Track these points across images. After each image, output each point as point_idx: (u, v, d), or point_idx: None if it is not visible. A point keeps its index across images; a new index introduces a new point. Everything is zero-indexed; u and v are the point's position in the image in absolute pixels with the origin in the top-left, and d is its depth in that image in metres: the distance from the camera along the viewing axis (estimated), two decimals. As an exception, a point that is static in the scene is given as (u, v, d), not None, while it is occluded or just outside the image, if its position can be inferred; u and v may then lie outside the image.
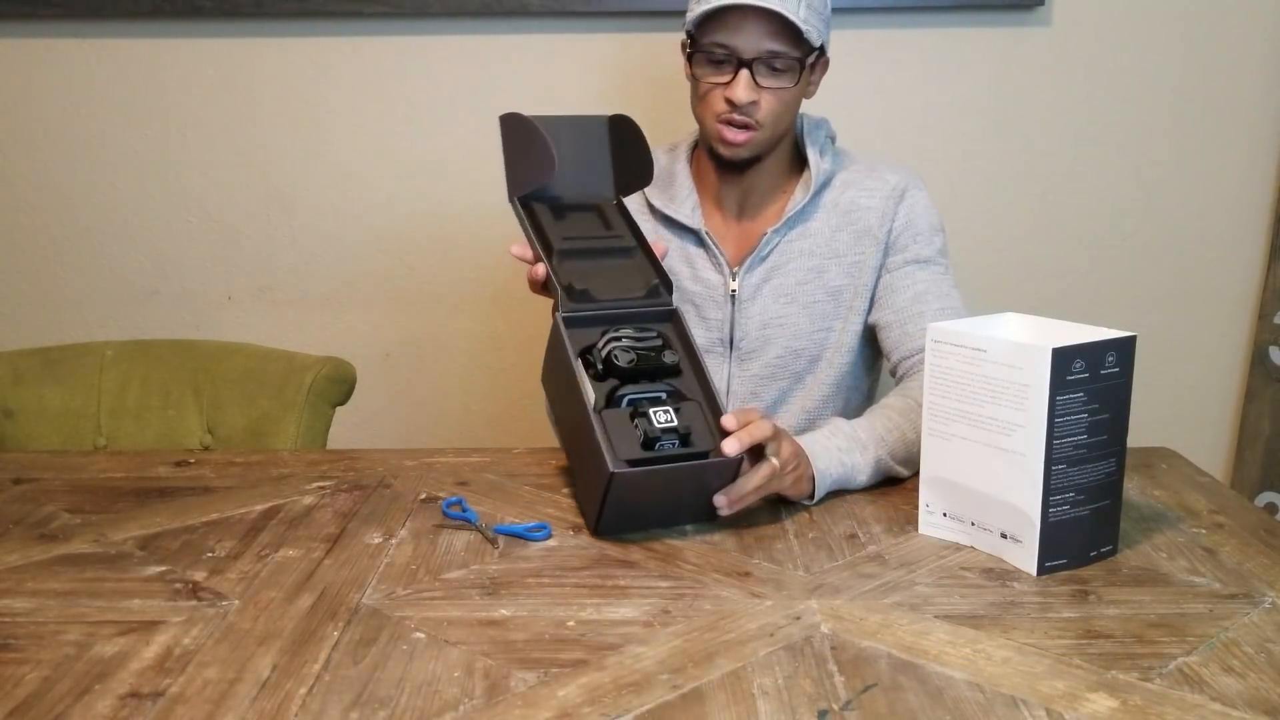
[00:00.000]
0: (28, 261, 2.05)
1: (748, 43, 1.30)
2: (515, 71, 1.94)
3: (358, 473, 1.33)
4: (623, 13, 1.90)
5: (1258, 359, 2.02)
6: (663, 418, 1.11)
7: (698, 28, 1.33)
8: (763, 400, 1.45)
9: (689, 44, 1.35)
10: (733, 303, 1.43)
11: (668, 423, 1.10)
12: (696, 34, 1.33)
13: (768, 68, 1.31)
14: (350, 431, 2.01)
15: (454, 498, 1.20)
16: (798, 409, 1.46)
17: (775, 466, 1.13)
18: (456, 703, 0.82)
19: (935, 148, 1.95)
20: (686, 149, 1.49)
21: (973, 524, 1.10)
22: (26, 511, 1.22)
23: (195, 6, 1.89)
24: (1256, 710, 0.81)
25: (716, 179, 1.44)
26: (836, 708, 0.81)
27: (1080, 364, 1.01)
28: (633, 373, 1.15)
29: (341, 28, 1.93)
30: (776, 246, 1.42)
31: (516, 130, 1.28)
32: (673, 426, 1.10)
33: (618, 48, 1.92)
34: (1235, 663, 0.88)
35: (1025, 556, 1.05)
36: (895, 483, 1.27)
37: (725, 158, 1.38)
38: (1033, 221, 1.99)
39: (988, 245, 1.99)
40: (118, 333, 2.05)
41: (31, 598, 1.00)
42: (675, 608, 0.97)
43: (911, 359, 1.38)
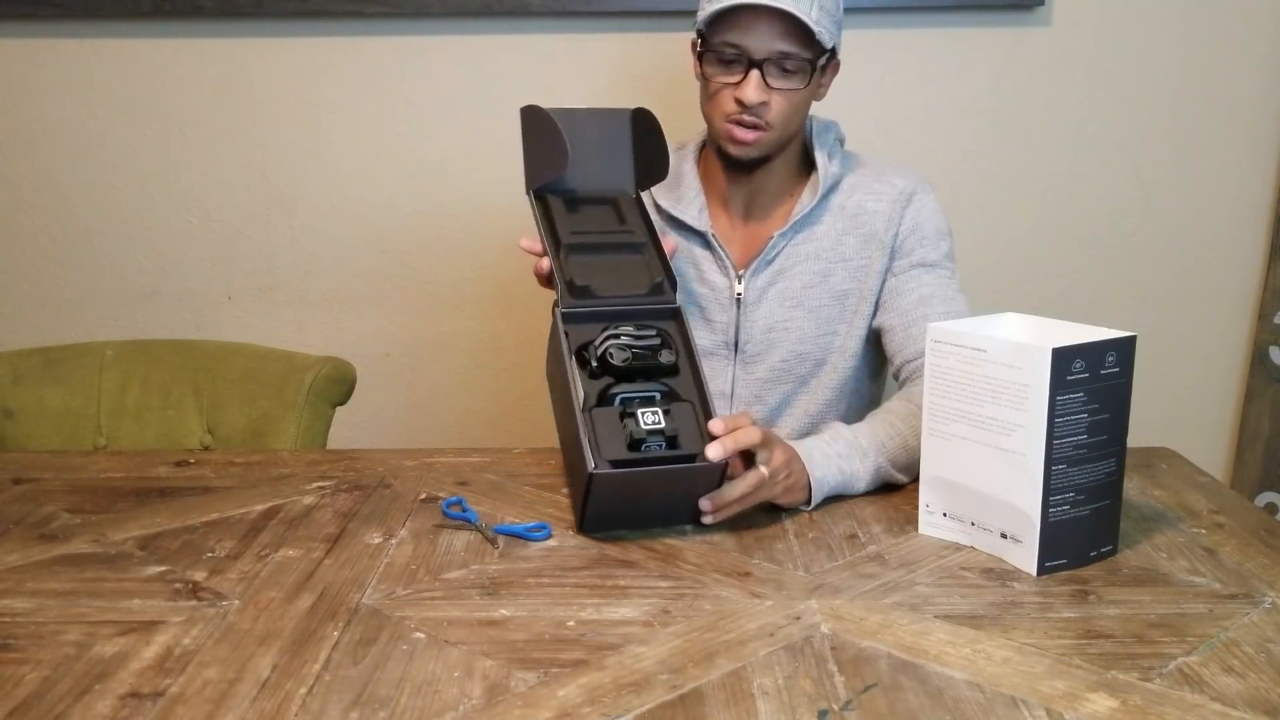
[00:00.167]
0: (28, 261, 2.05)
1: (759, 43, 1.29)
2: (515, 71, 1.94)
3: (358, 473, 1.33)
4: (623, 13, 1.90)
5: (1258, 359, 2.02)
6: (650, 419, 1.10)
7: (709, 26, 1.31)
8: (766, 404, 1.45)
9: (699, 43, 1.34)
10: (738, 306, 1.42)
11: (655, 424, 1.10)
12: (707, 33, 1.32)
13: (778, 68, 1.30)
14: (350, 431, 2.01)
15: (454, 498, 1.20)
16: (801, 413, 1.45)
17: (763, 475, 1.12)
18: (456, 703, 0.82)
19: (935, 148, 1.95)
20: (694, 149, 1.48)
21: (973, 524, 1.10)
22: (26, 511, 1.22)
23: (195, 6, 1.89)
24: (1256, 710, 0.81)
25: (724, 180, 1.44)
26: (836, 708, 0.81)
27: (1080, 364, 1.01)
28: (628, 371, 1.14)
29: (341, 28, 1.93)
30: (782, 250, 1.42)
31: (535, 123, 1.27)
32: (659, 428, 1.09)
33: (618, 48, 1.92)
34: (1235, 663, 0.88)
35: (1025, 556, 1.05)
36: (895, 486, 1.27)
37: (733, 157, 1.37)
38: (1033, 221, 1.99)
39: (988, 245, 1.99)
40: (118, 333, 2.05)
41: (31, 598, 1.00)
42: (675, 608, 0.97)
43: (915, 362, 1.37)
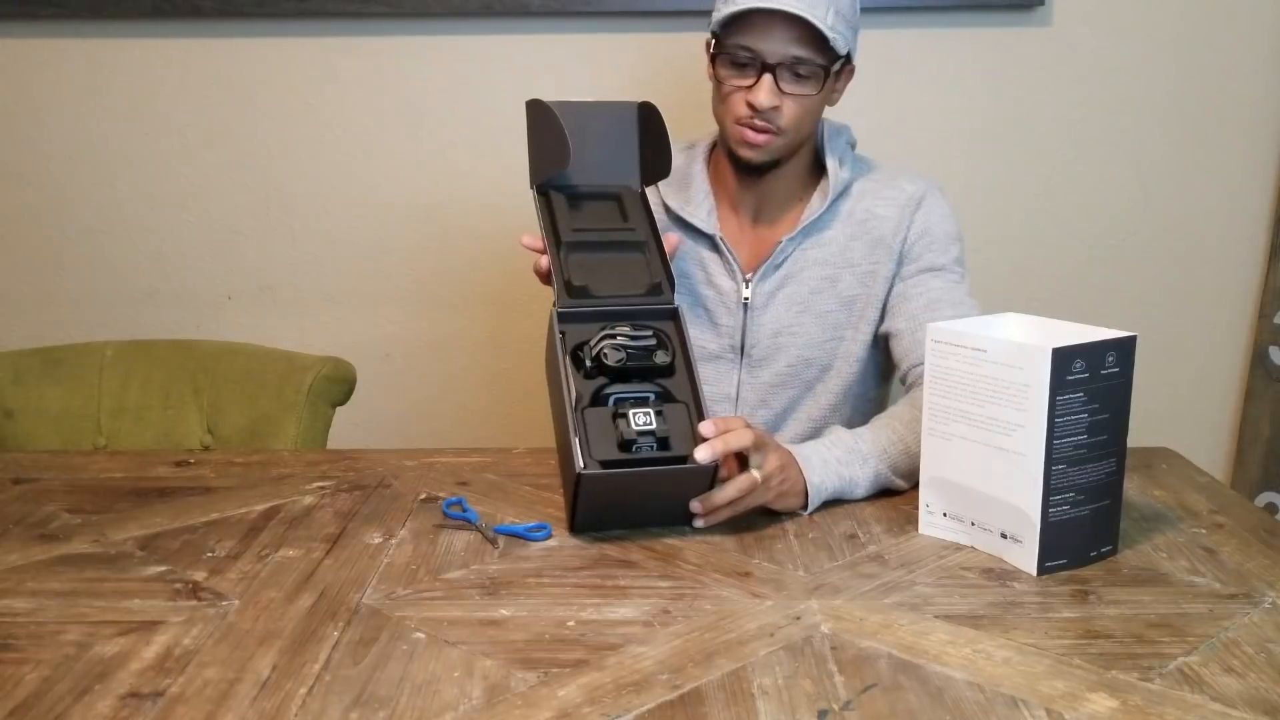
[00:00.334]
0: (28, 261, 2.05)
1: (773, 47, 1.28)
2: (515, 71, 1.94)
3: (358, 473, 1.33)
4: (623, 13, 1.90)
5: (1258, 359, 2.02)
6: (641, 420, 1.10)
7: (723, 28, 1.30)
8: (771, 408, 1.44)
9: (713, 43, 1.33)
10: (745, 310, 1.41)
11: (646, 425, 1.09)
12: (721, 34, 1.31)
13: (791, 73, 1.29)
14: (350, 431, 2.00)
15: (454, 498, 1.20)
16: (805, 417, 1.44)
17: (755, 479, 1.12)
18: (456, 703, 0.82)
19: (935, 148, 1.95)
20: (705, 149, 1.47)
21: (973, 524, 1.10)
22: (26, 511, 1.22)
23: (195, 6, 1.89)
24: (1256, 710, 0.81)
25: (734, 182, 1.42)
26: (836, 708, 0.81)
27: (1080, 364, 1.01)
28: (622, 371, 1.14)
29: (341, 28, 1.93)
30: (791, 255, 1.41)
31: (540, 118, 1.27)
32: (650, 429, 1.09)
33: (618, 48, 1.92)
34: (1235, 663, 0.88)
35: (1025, 556, 1.05)
36: (895, 492, 1.26)
37: (744, 160, 1.35)
38: (1033, 221, 1.99)
39: (988, 245, 1.98)
40: (118, 333, 2.05)
41: (31, 598, 1.00)
42: (675, 608, 0.97)
43: (921, 367, 1.35)
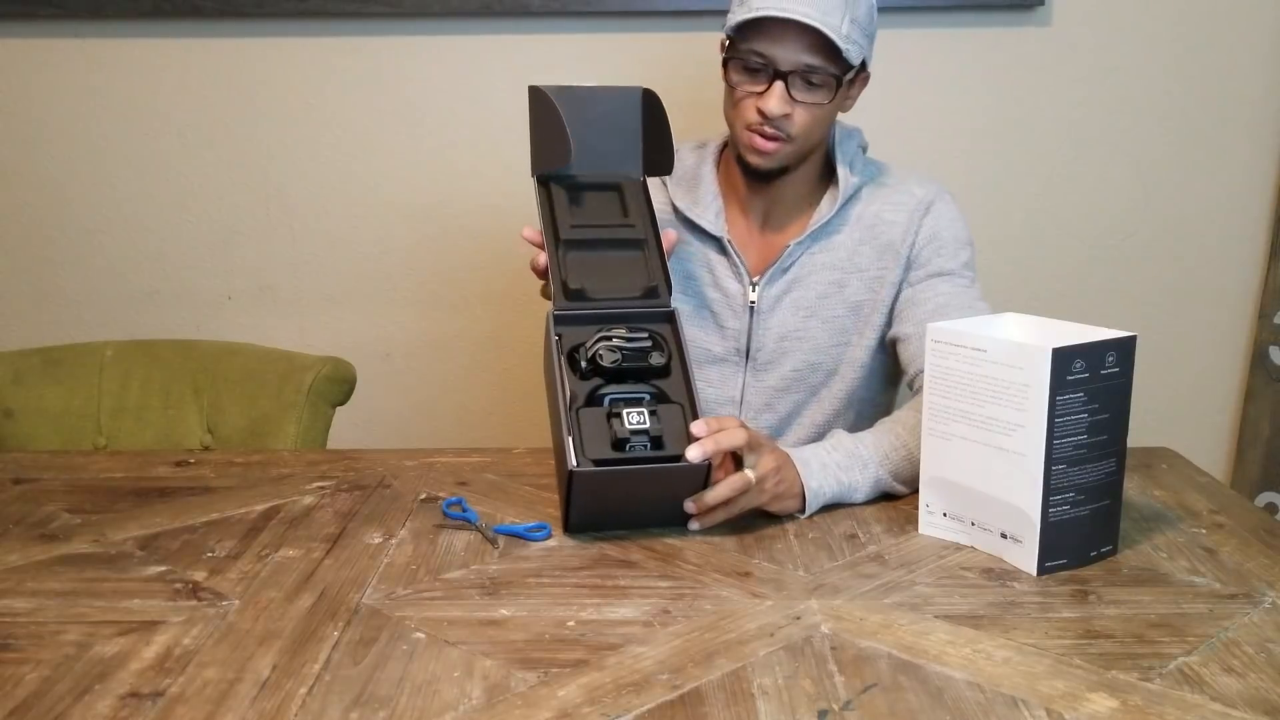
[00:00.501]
0: (28, 261, 2.05)
1: (785, 54, 1.26)
2: (515, 71, 1.93)
3: (358, 473, 1.33)
4: (623, 13, 1.90)
5: (1258, 359, 2.02)
6: (635, 419, 1.10)
7: (737, 32, 1.28)
8: (776, 412, 1.43)
9: (726, 46, 1.32)
10: (751, 313, 1.41)
11: (640, 424, 1.10)
12: (735, 38, 1.29)
13: (804, 81, 1.28)
14: (350, 431, 2.00)
15: (454, 498, 1.20)
16: (809, 422, 1.44)
17: (749, 479, 1.12)
18: (456, 703, 0.82)
19: (935, 148, 1.95)
20: (715, 150, 1.46)
21: (973, 524, 1.10)
22: (26, 511, 1.22)
23: (195, 6, 1.89)
24: (1256, 710, 0.81)
25: (743, 185, 1.41)
26: (836, 708, 0.81)
27: (1080, 364, 1.01)
28: (618, 372, 1.14)
29: (341, 28, 1.93)
30: (799, 259, 1.40)
31: (542, 107, 1.26)
32: (643, 428, 1.09)
33: (618, 48, 1.92)
34: (1235, 663, 0.88)
35: (1025, 556, 1.05)
36: (895, 495, 1.25)
37: (752, 166, 1.35)
38: (1033, 221, 1.99)
39: (987, 245, 1.98)
40: (118, 333, 2.05)
41: (31, 598, 1.00)
42: (675, 608, 0.97)
43: None
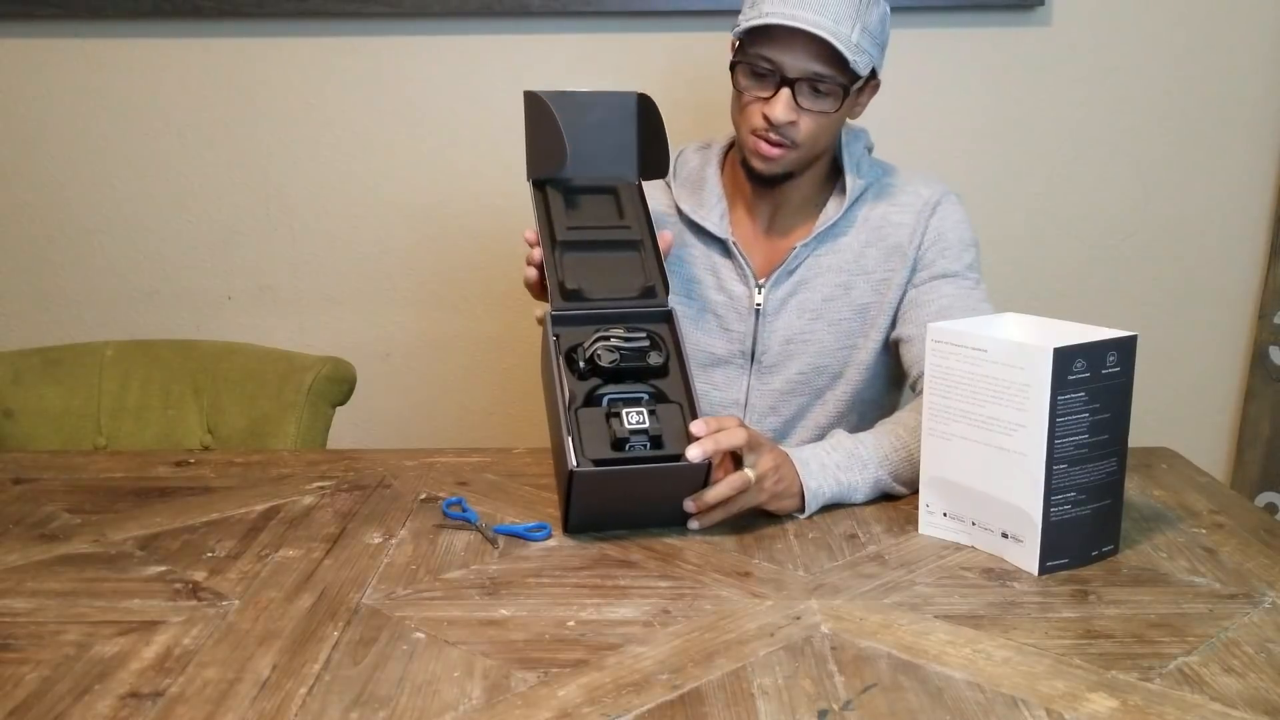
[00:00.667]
0: (28, 261, 2.04)
1: (793, 61, 1.25)
2: (515, 71, 1.93)
3: (358, 473, 1.33)
4: (623, 13, 1.90)
5: (1258, 359, 2.02)
6: (634, 419, 1.10)
7: (746, 36, 1.28)
8: (781, 415, 1.43)
9: (735, 48, 1.31)
10: (757, 316, 1.40)
11: (639, 424, 1.10)
12: (745, 41, 1.28)
13: (811, 89, 1.27)
14: (350, 431, 2.00)
15: (454, 498, 1.20)
16: (812, 424, 1.43)
17: (748, 478, 1.12)
18: (456, 703, 0.82)
19: (935, 148, 1.95)
20: (720, 151, 1.45)
21: (973, 524, 1.10)
22: (26, 511, 1.22)
23: (195, 6, 1.89)
24: (1256, 710, 0.81)
25: (750, 187, 1.40)
26: (836, 708, 0.81)
27: (1081, 364, 1.01)
28: (616, 372, 1.14)
29: (341, 28, 1.93)
30: (805, 261, 1.39)
31: (537, 111, 1.26)
32: (643, 428, 1.09)
33: (618, 48, 1.92)
34: (1235, 663, 0.88)
35: (1026, 556, 1.05)
36: (895, 496, 1.25)
37: (758, 171, 1.34)
38: (1033, 221, 1.99)
39: (987, 245, 1.96)
40: (118, 333, 2.05)
41: (31, 598, 1.00)
42: (675, 608, 0.97)
43: None
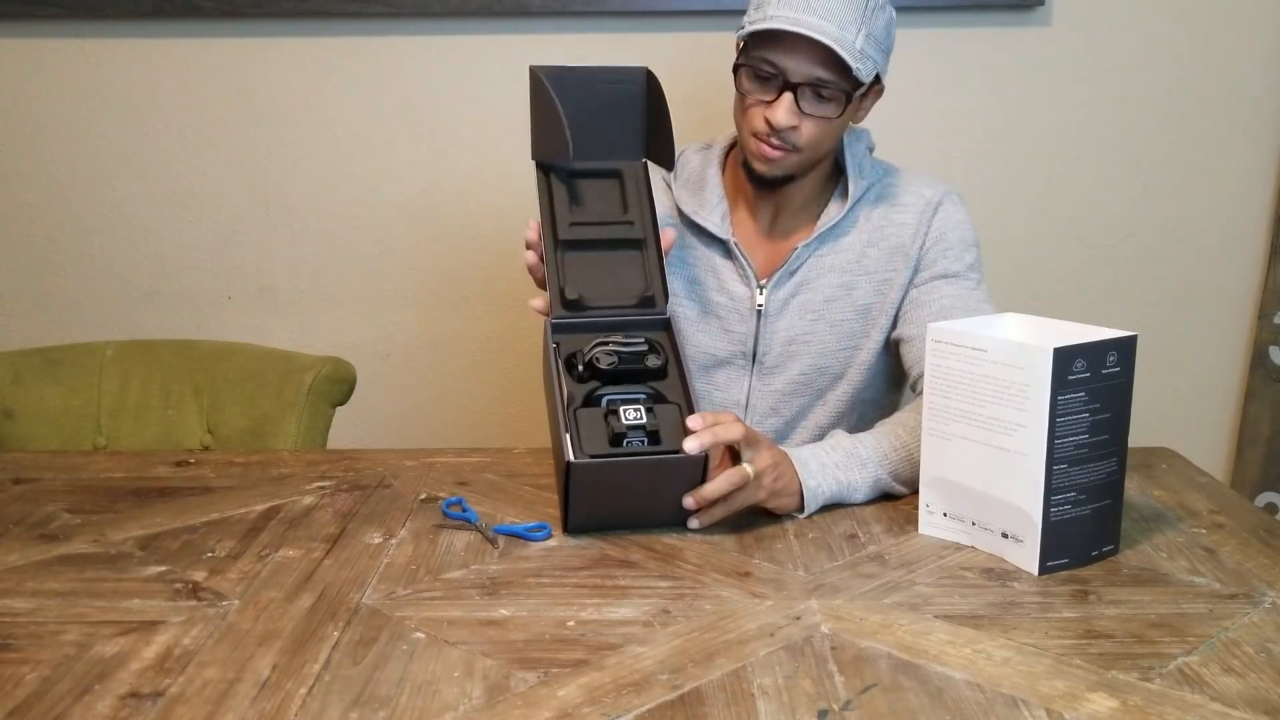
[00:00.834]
0: (28, 261, 2.05)
1: (797, 66, 1.25)
2: (515, 71, 1.93)
3: (358, 473, 1.33)
4: (623, 13, 1.90)
5: (1258, 359, 2.02)
6: (632, 415, 1.11)
7: (750, 39, 1.27)
8: (782, 416, 1.43)
9: (739, 49, 1.30)
10: (758, 317, 1.40)
11: (636, 420, 1.10)
12: (749, 44, 1.28)
13: (814, 93, 1.26)
14: (350, 431, 2.00)
15: (454, 498, 1.20)
16: (813, 425, 1.43)
17: (747, 473, 1.12)
18: (456, 703, 0.82)
19: (934, 148, 1.95)
20: (721, 151, 1.44)
21: (973, 524, 1.10)
22: (26, 511, 1.22)
23: (195, 6, 1.89)
24: (1256, 710, 0.81)
25: (751, 188, 1.40)
26: (836, 708, 0.81)
27: (1081, 364, 1.01)
28: (614, 375, 1.15)
29: (341, 28, 1.93)
30: (806, 261, 1.39)
31: (541, 93, 1.25)
32: (640, 424, 1.10)
33: (618, 48, 1.92)
34: (1235, 663, 0.88)
35: (1026, 556, 1.05)
36: (894, 496, 1.25)
37: (759, 174, 1.34)
38: (1033, 221, 1.99)
39: (987, 245, 1.96)
40: (118, 333, 2.05)
41: (31, 598, 1.00)
42: (675, 608, 0.97)
43: None
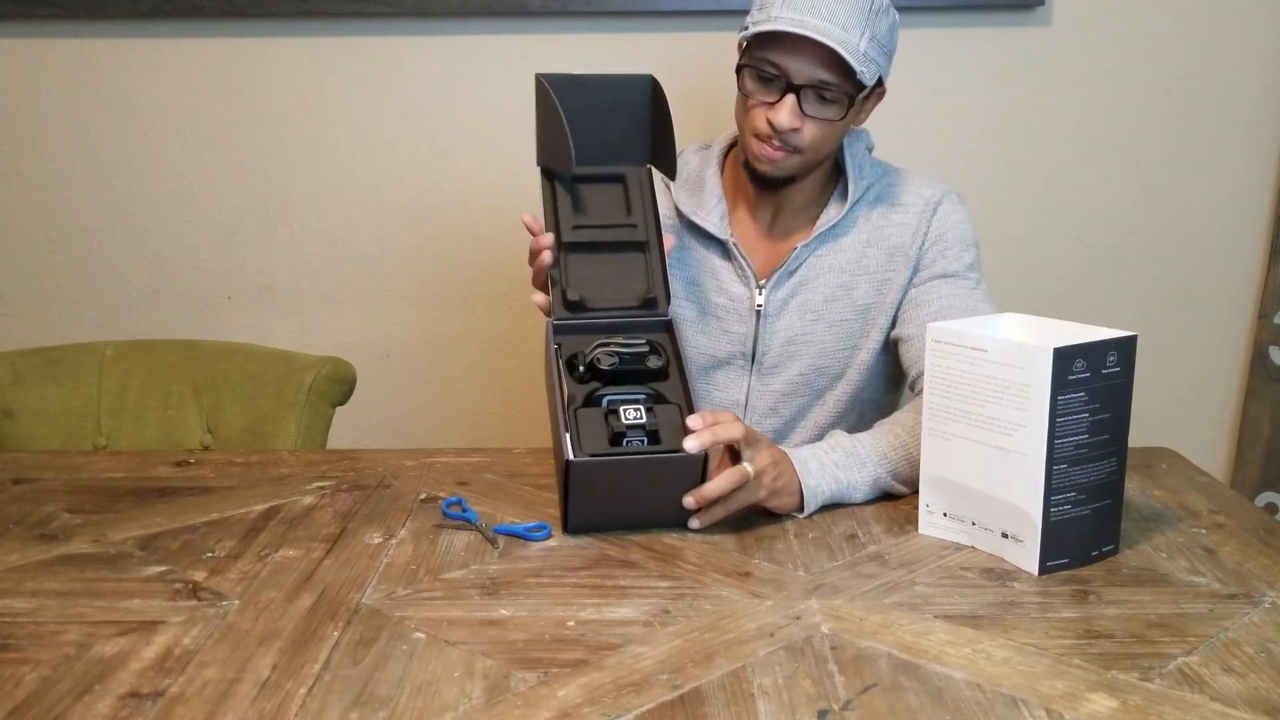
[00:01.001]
0: (28, 261, 2.04)
1: (800, 68, 1.24)
2: (515, 71, 1.93)
3: (358, 473, 1.33)
4: (623, 13, 1.90)
5: (1258, 359, 2.02)
6: (632, 414, 1.11)
7: (754, 39, 1.27)
8: (781, 416, 1.43)
9: (742, 49, 1.30)
10: (758, 317, 1.39)
11: (636, 419, 1.11)
12: (752, 44, 1.27)
13: (817, 96, 1.26)
14: (350, 431, 2.00)
15: (454, 498, 1.20)
16: (813, 425, 1.43)
17: (747, 472, 1.12)
18: (456, 703, 0.82)
19: (934, 148, 1.95)
20: (720, 152, 1.44)
21: (973, 524, 1.10)
22: (26, 511, 1.22)
23: (195, 6, 1.89)
24: (1256, 710, 0.81)
25: (752, 188, 1.40)
26: (836, 708, 0.81)
27: (1081, 364, 1.01)
28: (615, 375, 1.15)
29: (341, 28, 1.93)
30: (805, 261, 1.38)
31: (547, 101, 1.25)
32: (640, 423, 1.10)
33: (617, 48, 1.92)
34: (1235, 663, 0.88)
35: (1026, 556, 1.05)
36: (894, 495, 1.25)
37: (760, 174, 1.33)
38: (1033, 221, 1.99)
39: (987, 245, 1.96)
40: (118, 333, 2.05)
41: (31, 598, 1.00)
42: (675, 608, 0.97)
43: None
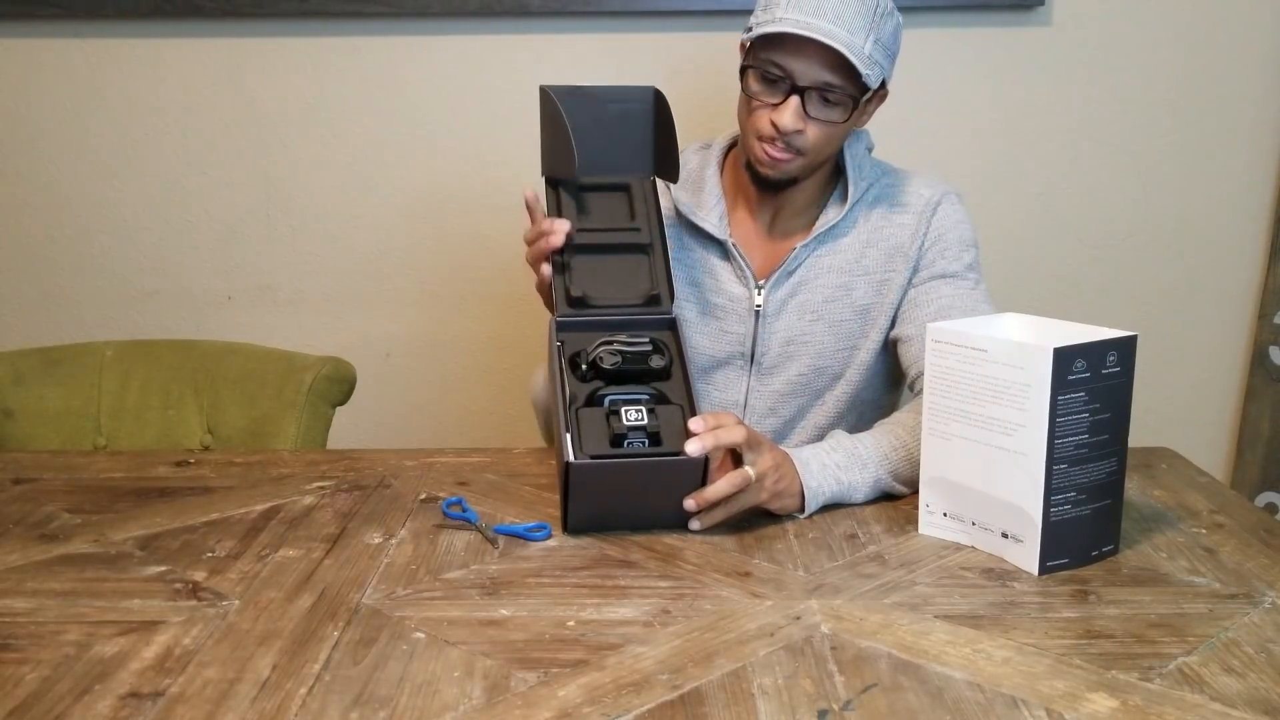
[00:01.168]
0: (28, 261, 2.05)
1: (805, 70, 1.24)
2: (515, 71, 1.94)
3: (358, 473, 1.33)
4: (623, 13, 1.90)
5: (1258, 359, 2.02)
6: (633, 416, 1.11)
7: (758, 41, 1.26)
8: (780, 416, 1.43)
9: (746, 50, 1.30)
10: (757, 317, 1.39)
11: (637, 420, 1.11)
12: (756, 45, 1.27)
13: (821, 98, 1.26)
14: (350, 431, 2.00)
15: (454, 498, 1.20)
16: (812, 425, 1.43)
17: (749, 475, 1.12)
18: (456, 703, 0.82)
19: (934, 147, 1.95)
20: (720, 151, 1.44)
21: (973, 524, 1.10)
22: (26, 511, 1.22)
23: (195, 6, 1.89)
24: (1256, 710, 0.81)
25: (753, 189, 1.39)
26: (836, 708, 0.81)
27: (1081, 364, 1.01)
28: (618, 375, 1.15)
29: (341, 28, 1.93)
30: (805, 261, 1.38)
31: (551, 111, 1.26)
32: (641, 425, 1.10)
33: (617, 48, 1.92)
34: (1235, 663, 0.88)
35: (1026, 556, 1.05)
36: (895, 495, 1.25)
37: (762, 176, 1.33)
38: (1033, 221, 1.99)
39: (987, 245, 1.97)
40: (118, 333, 2.05)
41: (31, 598, 1.00)
42: (675, 608, 0.97)
43: None
